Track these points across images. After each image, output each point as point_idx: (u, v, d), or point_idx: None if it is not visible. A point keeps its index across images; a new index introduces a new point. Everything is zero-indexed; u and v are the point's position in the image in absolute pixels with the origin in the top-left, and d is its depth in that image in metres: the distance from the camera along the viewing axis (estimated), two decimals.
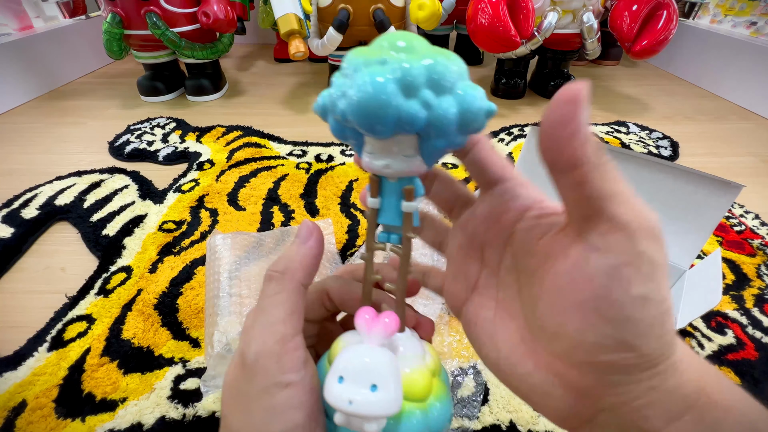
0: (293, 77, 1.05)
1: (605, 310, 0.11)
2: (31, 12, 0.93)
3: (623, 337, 0.11)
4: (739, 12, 0.95)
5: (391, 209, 0.15)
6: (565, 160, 0.11)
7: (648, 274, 0.11)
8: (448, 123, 0.12)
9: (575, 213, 0.12)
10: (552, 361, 0.13)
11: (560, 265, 0.12)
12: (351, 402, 0.12)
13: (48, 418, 0.31)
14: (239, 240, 0.42)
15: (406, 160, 0.13)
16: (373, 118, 0.12)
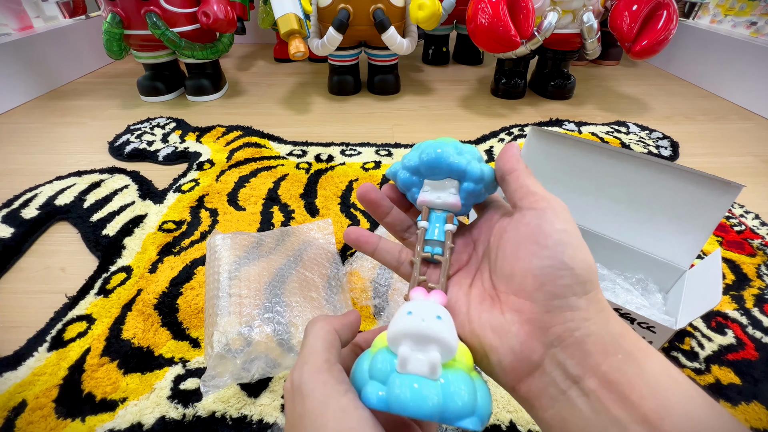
0: (293, 77, 1.05)
1: (541, 239, 0.16)
2: (31, 12, 0.93)
3: (558, 257, 0.15)
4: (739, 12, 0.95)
5: (435, 229, 0.21)
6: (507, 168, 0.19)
7: (563, 218, 0.16)
8: (477, 175, 0.20)
9: (515, 197, 0.18)
10: (512, 301, 0.17)
11: (509, 228, 0.18)
12: (423, 319, 0.15)
13: (48, 418, 0.31)
14: (239, 240, 0.42)
15: (450, 196, 0.20)
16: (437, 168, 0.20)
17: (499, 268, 0.18)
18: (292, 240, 0.44)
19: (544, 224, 0.16)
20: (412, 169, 0.21)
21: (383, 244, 0.22)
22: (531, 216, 0.17)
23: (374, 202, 0.22)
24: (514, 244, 0.17)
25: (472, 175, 0.20)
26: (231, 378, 0.32)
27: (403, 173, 0.21)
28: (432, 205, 0.21)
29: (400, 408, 0.14)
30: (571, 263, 0.15)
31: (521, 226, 0.17)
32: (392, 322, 0.16)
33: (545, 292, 0.15)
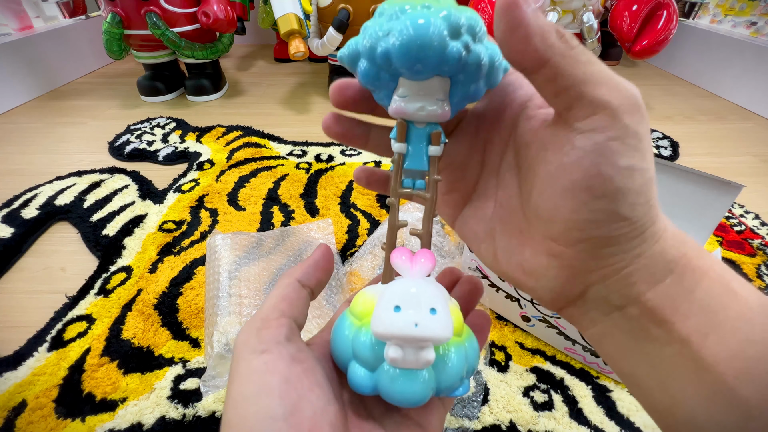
0: (293, 77, 1.05)
1: (597, 186, 0.12)
2: (31, 12, 0.93)
3: (615, 209, 0.12)
4: (739, 12, 0.95)
5: (417, 154, 0.15)
6: (530, 61, 0.12)
7: (633, 146, 0.12)
8: (480, 68, 0.13)
9: (558, 105, 0.12)
10: (549, 245, 0.14)
11: (550, 155, 0.13)
12: (417, 324, 0.12)
13: (48, 418, 0.31)
14: (239, 240, 0.42)
15: (438, 104, 0.14)
16: (420, 55, 0.12)
17: (534, 206, 0.14)
18: (292, 240, 0.44)
19: (603, 164, 0.12)
20: (379, 59, 0.13)
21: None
22: (584, 147, 0.12)
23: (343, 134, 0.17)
24: (557, 184, 0.13)
25: (473, 69, 0.13)
26: None
27: (365, 65, 0.14)
28: (411, 118, 0.15)
29: (391, 399, 0.14)
30: (630, 213, 0.12)
31: (568, 162, 0.12)
32: (377, 315, 0.13)
33: (593, 243, 0.13)
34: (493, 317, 0.40)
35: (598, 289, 0.13)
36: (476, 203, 0.17)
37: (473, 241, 0.17)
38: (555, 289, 0.14)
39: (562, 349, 0.36)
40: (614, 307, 0.13)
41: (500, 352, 0.36)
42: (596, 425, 0.31)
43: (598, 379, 0.34)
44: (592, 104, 0.11)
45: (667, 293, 0.13)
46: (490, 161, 0.17)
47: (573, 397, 0.33)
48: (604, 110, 0.11)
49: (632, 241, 0.12)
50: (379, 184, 0.19)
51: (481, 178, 0.17)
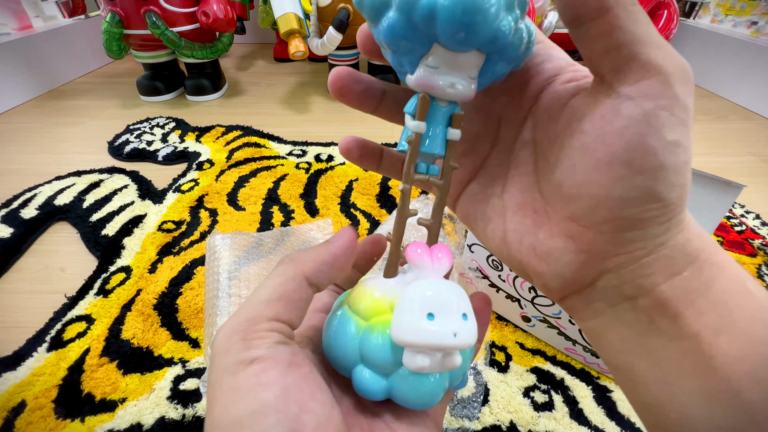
0: (293, 77, 1.05)
1: (638, 160, 0.11)
2: (31, 11, 0.93)
3: (653, 187, 0.11)
4: (739, 12, 0.95)
5: (434, 136, 0.13)
6: (591, 7, 0.10)
7: (682, 119, 0.11)
8: (519, 48, 0.12)
9: (605, 65, 0.11)
10: (568, 226, 0.13)
11: (586, 124, 0.12)
12: (456, 334, 0.12)
13: (47, 419, 0.30)
14: (239, 240, 0.42)
15: (469, 82, 0.12)
16: (472, 24, 0.10)
17: (557, 182, 0.13)
18: (292, 240, 0.44)
19: (650, 135, 0.10)
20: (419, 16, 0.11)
21: (389, 153, 0.17)
22: (631, 115, 0.11)
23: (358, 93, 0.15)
24: (590, 156, 0.12)
25: (513, 48, 0.12)
26: None
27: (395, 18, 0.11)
28: (437, 94, 0.13)
29: (405, 403, 0.13)
30: (667, 194, 0.11)
31: (609, 131, 0.11)
32: (408, 323, 0.12)
33: (618, 225, 0.12)
34: (494, 317, 0.40)
35: (610, 277, 0.13)
36: (483, 180, 0.16)
37: (478, 220, 0.16)
38: (566, 276, 0.13)
39: (563, 349, 0.36)
40: (624, 298, 0.13)
41: (500, 353, 0.36)
42: (597, 426, 0.31)
43: (598, 380, 0.34)
44: (646, 67, 0.10)
45: (684, 286, 0.12)
46: (504, 137, 0.16)
47: (573, 397, 0.33)
48: (658, 75, 0.10)
49: (660, 227, 0.12)
50: (373, 158, 0.17)
51: (491, 154, 0.16)
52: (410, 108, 0.13)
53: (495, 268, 0.36)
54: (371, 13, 0.12)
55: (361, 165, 0.17)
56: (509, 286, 0.36)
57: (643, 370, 0.13)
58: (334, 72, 0.15)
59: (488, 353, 0.36)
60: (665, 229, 0.12)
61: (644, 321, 0.12)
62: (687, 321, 0.12)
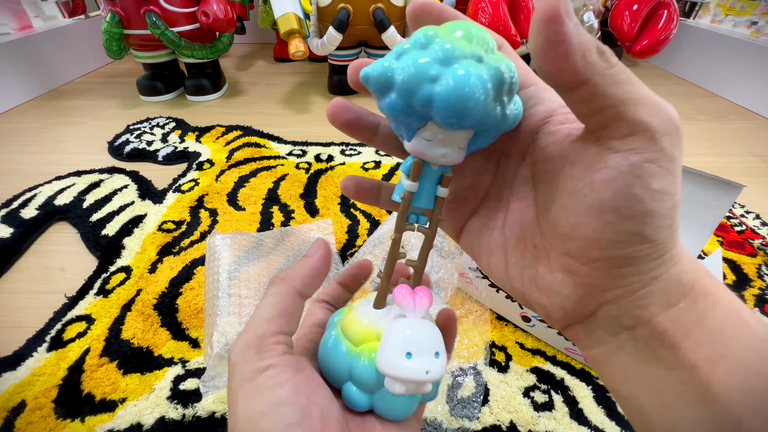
0: (293, 77, 1.05)
1: (626, 208, 0.11)
2: (31, 11, 0.93)
3: (641, 231, 0.12)
4: (739, 12, 0.95)
5: (426, 193, 0.15)
6: (569, 80, 0.11)
7: (667, 169, 0.11)
8: (505, 126, 0.14)
9: (592, 123, 0.12)
10: (565, 261, 0.13)
11: (578, 170, 0.13)
12: (428, 372, 0.14)
13: (47, 419, 0.30)
14: (239, 240, 0.42)
15: (459, 152, 0.14)
16: (464, 113, 0.12)
17: (553, 221, 0.14)
18: (291, 240, 0.44)
19: (636, 186, 0.11)
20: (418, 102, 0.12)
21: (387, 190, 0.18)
22: (618, 167, 0.11)
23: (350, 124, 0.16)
24: (582, 201, 0.12)
25: (499, 129, 0.14)
26: None
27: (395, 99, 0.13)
28: (430, 161, 0.14)
29: (386, 416, 0.16)
30: (655, 236, 0.12)
31: (598, 180, 0.12)
32: (389, 359, 0.14)
33: (612, 263, 0.12)
34: (493, 317, 0.40)
35: (609, 308, 0.13)
36: (485, 213, 0.17)
37: (482, 253, 0.17)
38: (567, 307, 0.14)
39: (563, 349, 0.36)
40: (623, 328, 0.13)
41: (500, 353, 0.36)
42: (597, 426, 0.31)
43: (598, 380, 0.34)
44: (631, 125, 0.11)
45: (679, 317, 0.12)
46: (504, 172, 0.16)
47: (573, 397, 0.33)
48: (644, 132, 0.11)
49: (652, 263, 0.12)
50: (369, 194, 0.18)
51: (492, 188, 0.17)
52: (405, 168, 0.15)
53: None
54: (375, 91, 0.13)
55: (359, 201, 0.18)
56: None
57: (646, 400, 0.13)
58: (333, 101, 0.16)
59: (488, 353, 0.36)
60: (658, 264, 0.12)
61: (644, 350, 0.13)
62: (684, 351, 0.12)
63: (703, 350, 0.12)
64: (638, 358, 0.13)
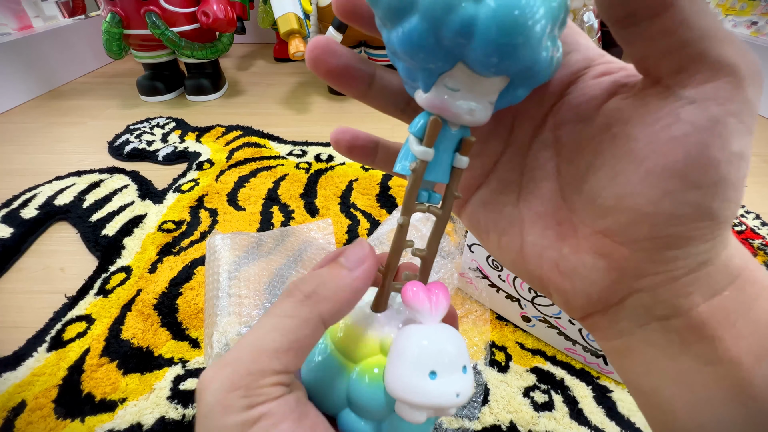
0: (293, 77, 1.05)
1: (696, 173, 0.09)
2: (31, 12, 0.93)
3: (708, 204, 0.10)
4: (739, 12, 0.95)
5: (440, 163, 0.12)
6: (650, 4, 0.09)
7: (750, 126, 0.09)
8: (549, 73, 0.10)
9: (664, 66, 0.10)
10: (598, 241, 0.11)
11: (634, 129, 0.10)
12: (459, 394, 0.11)
13: (47, 419, 0.30)
14: (239, 240, 0.42)
15: (488, 108, 0.11)
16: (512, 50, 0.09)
17: (590, 193, 0.12)
18: (291, 240, 0.44)
19: (714, 146, 0.09)
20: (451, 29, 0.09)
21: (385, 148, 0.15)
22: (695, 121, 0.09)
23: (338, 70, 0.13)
24: (637, 165, 0.10)
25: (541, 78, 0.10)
26: None
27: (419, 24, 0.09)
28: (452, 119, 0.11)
29: None
30: (721, 212, 0.10)
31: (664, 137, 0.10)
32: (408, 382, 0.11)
33: (660, 243, 0.10)
34: (493, 317, 0.40)
35: (642, 296, 0.11)
36: (495, 185, 0.14)
37: (490, 231, 0.14)
38: (592, 294, 0.12)
39: (563, 349, 0.36)
40: (654, 318, 0.11)
41: (500, 353, 0.36)
42: (597, 426, 0.31)
43: (598, 380, 0.34)
44: (715, 67, 0.09)
45: (724, 306, 0.11)
46: (518, 137, 0.14)
47: (573, 397, 0.33)
48: (729, 76, 0.09)
49: (705, 244, 0.10)
50: (364, 152, 0.15)
51: (503, 155, 0.14)
52: (417, 130, 0.12)
53: (495, 268, 0.36)
54: (387, 14, 0.10)
55: (353, 158, 0.15)
56: (509, 286, 0.36)
57: (671, 395, 0.12)
58: (313, 40, 0.12)
59: (488, 353, 0.36)
60: (711, 246, 0.10)
61: (676, 343, 0.11)
62: (726, 344, 0.11)
63: (746, 344, 0.11)
64: (668, 352, 0.11)
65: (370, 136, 0.15)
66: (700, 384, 0.11)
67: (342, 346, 0.13)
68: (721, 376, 0.11)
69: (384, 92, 0.14)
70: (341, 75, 0.13)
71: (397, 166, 0.12)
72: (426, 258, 0.13)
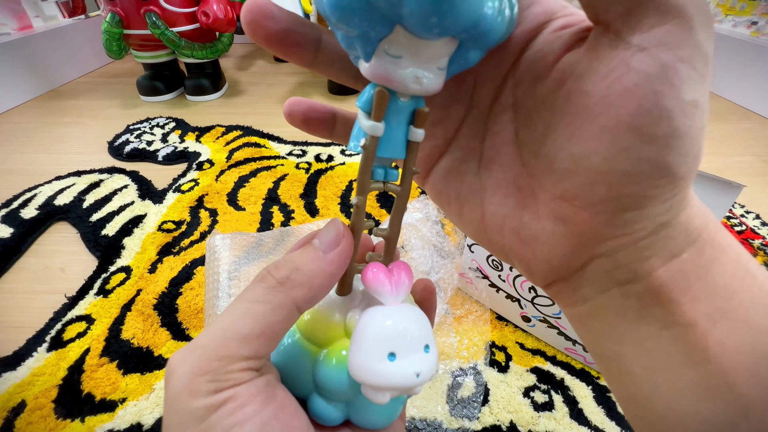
0: (293, 77, 1.05)
1: (649, 126, 0.09)
2: (31, 12, 0.93)
3: (664, 158, 0.09)
4: (739, 12, 0.95)
5: (393, 137, 0.11)
6: None
7: (702, 73, 0.09)
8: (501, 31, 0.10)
9: (612, 9, 0.09)
10: (558, 206, 0.11)
11: (587, 83, 0.10)
12: (419, 374, 0.11)
13: (47, 419, 0.30)
14: (239, 240, 0.42)
15: (438, 74, 0.10)
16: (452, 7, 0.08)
17: (548, 155, 0.11)
18: (291, 240, 0.44)
19: (666, 95, 0.09)
20: None
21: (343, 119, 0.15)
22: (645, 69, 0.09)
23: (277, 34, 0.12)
24: (591, 122, 0.10)
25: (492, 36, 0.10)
26: None
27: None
28: (398, 88, 0.10)
29: (366, 426, 0.13)
30: (678, 167, 0.10)
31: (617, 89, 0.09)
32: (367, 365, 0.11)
33: (617, 204, 0.10)
34: (493, 317, 0.40)
35: (603, 261, 0.11)
36: (456, 154, 0.14)
37: (452, 202, 0.14)
38: (554, 262, 0.12)
39: (563, 349, 0.36)
40: (615, 283, 0.11)
41: (500, 353, 0.36)
42: (597, 426, 0.31)
43: (598, 380, 0.34)
44: (663, 9, 0.08)
45: (682, 269, 0.11)
46: (478, 101, 0.13)
47: (573, 397, 0.33)
48: (678, 18, 0.09)
49: (663, 204, 0.10)
50: (321, 124, 0.14)
51: (464, 122, 0.14)
52: (364, 104, 0.11)
53: (495, 268, 0.36)
54: None
55: (308, 131, 0.15)
56: (509, 286, 0.36)
57: (630, 359, 0.12)
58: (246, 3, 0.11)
59: (488, 353, 0.36)
60: (669, 206, 0.10)
61: (635, 308, 0.11)
62: (682, 308, 0.11)
63: (703, 307, 0.10)
64: (627, 317, 0.11)
65: (327, 107, 0.14)
66: (656, 348, 0.11)
67: (307, 331, 0.13)
68: (677, 339, 0.11)
69: (333, 58, 0.13)
70: (282, 41, 0.12)
71: (350, 144, 0.12)
72: (389, 238, 0.13)
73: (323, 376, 0.12)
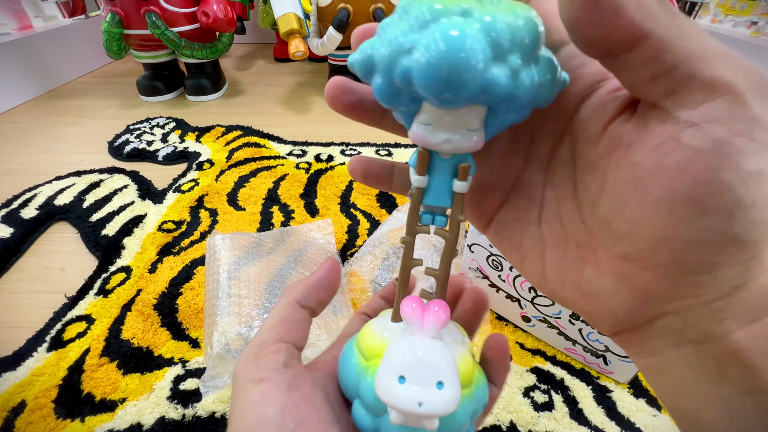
0: (293, 77, 1.05)
1: (709, 198, 0.09)
2: (31, 12, 0.93)
3: (730, 229, 0.09)
4: (739, 12, 0.95)
5: (440, 188, 0.13)
6: (623, 38, 0.09)
7: (764, 143, 0.08)
8: (529, 96, 0.10)
9: (654, 91, 0.09)
10: (619, 265, 0.11)
11: (637, 155, 0.10)
12: (421, 404, 0.12)
13: (47, 419, 0.30)
14: (239, 240, 0.42)
15: (469, 135, 0.11)
16: (451, 84, 0.10)
17: (604, 218, 0.11)
18: (291, 240, 0.44)
19: (723, 168, 0.08)
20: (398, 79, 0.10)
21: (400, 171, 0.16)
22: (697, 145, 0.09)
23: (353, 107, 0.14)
24: (646, 194, 0.10)
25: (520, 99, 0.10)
26: (230, 378, 0.32)
27: (380, 81, 0.11)
28: (434, 149, 0.12)
29: None
30: (747, 235, 0.09)
31: (668, 164, 0.09)
32: (381, 379, 0.12)
33: (683, 268, 0.10)
34: (493, 317, 0.40)
35: (672, 319, 0.11)
36: (517, 203, 0.14)
37: (513, 252, 0.14)
38: (617, 315, 0.11)
39: (563, 349, 0.36)
40: (687, 341, 0.11)
41: None
42: (597, 426, 0.31)
43: (598, 380, 0.34)
44: (710, 86, 0.08)
45: (763, 336, 0.10)
46: (537, 153, 0.13)
47: (573, 397, 0.33)
48: (728, 94, 0.08)
49: (736, 268, 0.09)
50: (379, 179, 0.16)
51: (524, 172, 0.14)
52: (412, 161, 0.13)
53: (495, 268, 0.36)
54: (363, 75, 0.12)
55: (368, 185, 0.16)
56: (509, 286, 0.36)
57: (711, 420, 0.11)
58: (330, 81, 0.14)
59: None
60: (743, 270, 0.10)
61: (713, 368, 0.10)
62: (766, 376, 0.10)
63: None
64: (705, 376, 0.11)
65: (384, 162, 0.16)
66: (740, 413, 0.10)
67: (360, 346, 0.15)
68: (764, 406, 0.10)
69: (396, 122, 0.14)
70: (356, 108, 0.14)
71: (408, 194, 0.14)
72: (438, 276, 0.15)
73: (362, 386, 0.14)
